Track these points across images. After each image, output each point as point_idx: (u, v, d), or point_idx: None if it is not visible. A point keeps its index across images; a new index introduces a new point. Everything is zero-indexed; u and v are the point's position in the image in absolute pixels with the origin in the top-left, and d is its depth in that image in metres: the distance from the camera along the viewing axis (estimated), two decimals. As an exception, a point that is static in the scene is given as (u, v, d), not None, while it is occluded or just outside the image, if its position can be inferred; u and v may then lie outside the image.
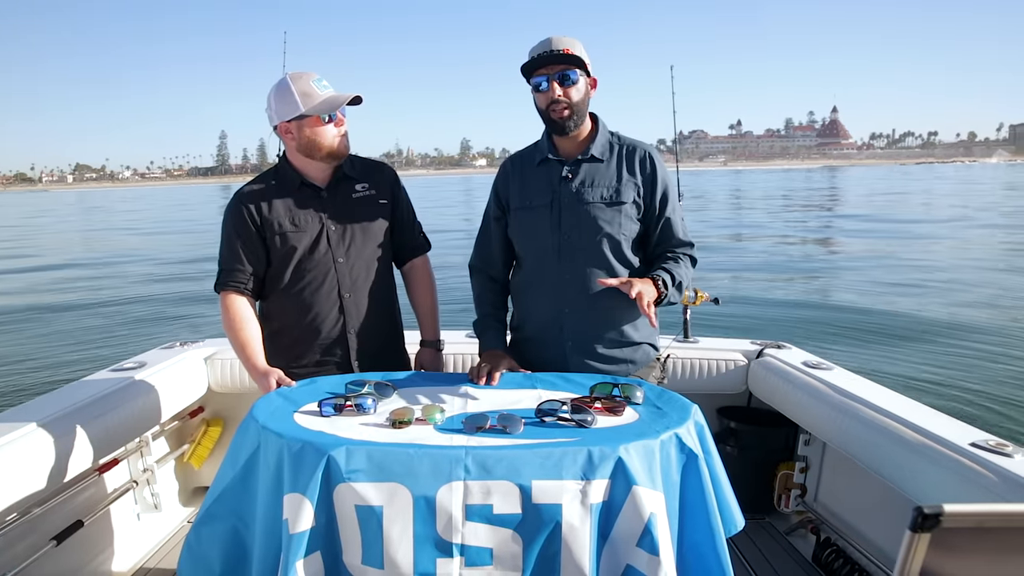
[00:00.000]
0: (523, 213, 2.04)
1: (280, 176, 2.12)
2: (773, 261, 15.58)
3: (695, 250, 2.07)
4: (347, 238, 2.09)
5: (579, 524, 1.35)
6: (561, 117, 1.92)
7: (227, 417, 3.18)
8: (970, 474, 1.79)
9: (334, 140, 2.02)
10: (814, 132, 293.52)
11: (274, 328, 2.12)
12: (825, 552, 2.56)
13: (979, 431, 2.00)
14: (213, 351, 3.01)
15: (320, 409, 1.62)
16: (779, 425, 2.88)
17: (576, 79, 1.91)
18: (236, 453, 1.57)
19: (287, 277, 2.06)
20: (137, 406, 2.43)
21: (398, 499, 1.35)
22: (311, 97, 1.98)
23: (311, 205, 2.08)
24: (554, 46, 1.90)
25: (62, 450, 2.03)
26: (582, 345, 2.00)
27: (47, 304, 11.26)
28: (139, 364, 2.71)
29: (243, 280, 2.06)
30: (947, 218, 25.44)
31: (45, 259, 18.04)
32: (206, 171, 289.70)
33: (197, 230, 27.46)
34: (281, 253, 2.05)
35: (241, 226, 2.05)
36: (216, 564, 1.56)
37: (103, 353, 7.66)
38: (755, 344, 3.10)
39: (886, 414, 2.17)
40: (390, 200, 2.20)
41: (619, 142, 2.04)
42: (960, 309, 9.71)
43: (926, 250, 16.51)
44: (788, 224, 24.94)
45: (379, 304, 2.15)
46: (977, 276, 12.62)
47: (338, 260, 2.07)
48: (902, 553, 0.70)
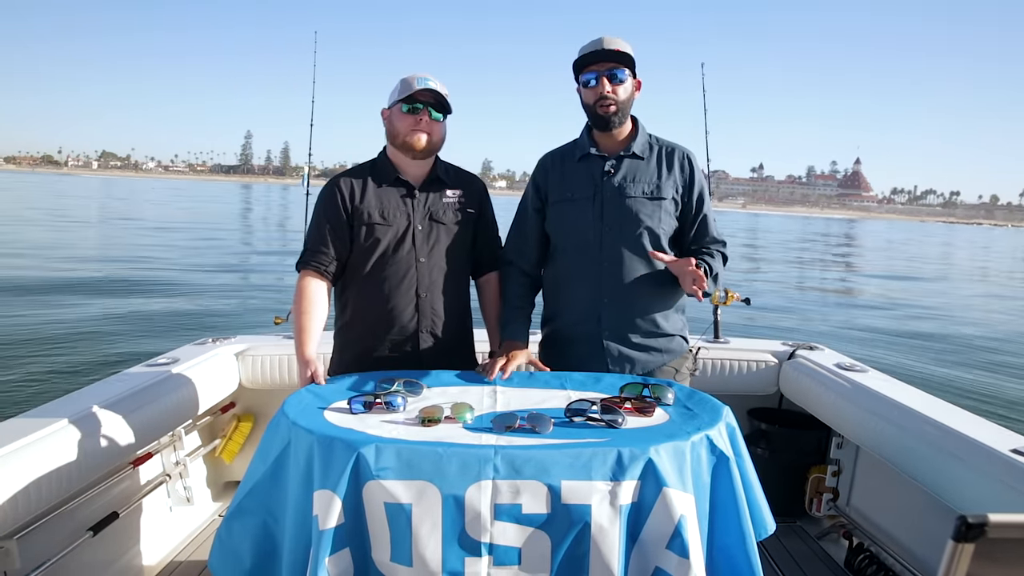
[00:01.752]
0: (565, 206, 2.08)
1: (377, 169, 2.16)
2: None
3: (727, 248, 2.12)
4: (432, 239, 2.11)
5: (608, 525, 1.35)
6: (607, 113, 1.98)
7: (258, 413, 3.22)
8: (1011, 481, 1.75)
9: (410, 131, 2.05)
10: (835, 182, 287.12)
11: (347, 318, 2.15)
12: (858, 558, 2.51)
13: (1021, 437, 1.95)
14: (245, 347, 3.05)
15: (350, 406, 1.63)
16: (811, 427, 2.84)
17: (624, 78, 1.99)
18: (267, 449, 1.58)
19: (368, 269, 2.09)
20: (170, 401, 2.48)
21: (427, 497, 1.35)
22: (408, 87, 2.05)
23: (402, 201, 2.11)
24: (606, 45, 1.96)
25: (98, 443, 2.07)
26: (619, 335, 2.04)
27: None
28: (172, 360, 2.75)
29: (325, 262, 2.09)
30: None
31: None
32: (229, 169, 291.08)
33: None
34: (366, 244, 2.08)
35: (332, 210, 2.09)
36: (246, 558, 1.58)
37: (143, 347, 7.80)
38: (787, 345, 3.06)
39: (922, 418, 2.12)
40: (477, 211, 2.23)
41: (658, 143, 2.10)
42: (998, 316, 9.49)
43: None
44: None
45: (453, 308, 2.16)
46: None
47: (420, 259, 2.09)
48: (944, 563, 0.68)
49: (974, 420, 2.10)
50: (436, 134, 2.09)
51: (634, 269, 2.00)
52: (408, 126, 2.05)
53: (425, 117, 2.05)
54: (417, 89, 2.03)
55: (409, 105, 2.05)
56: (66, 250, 17.57)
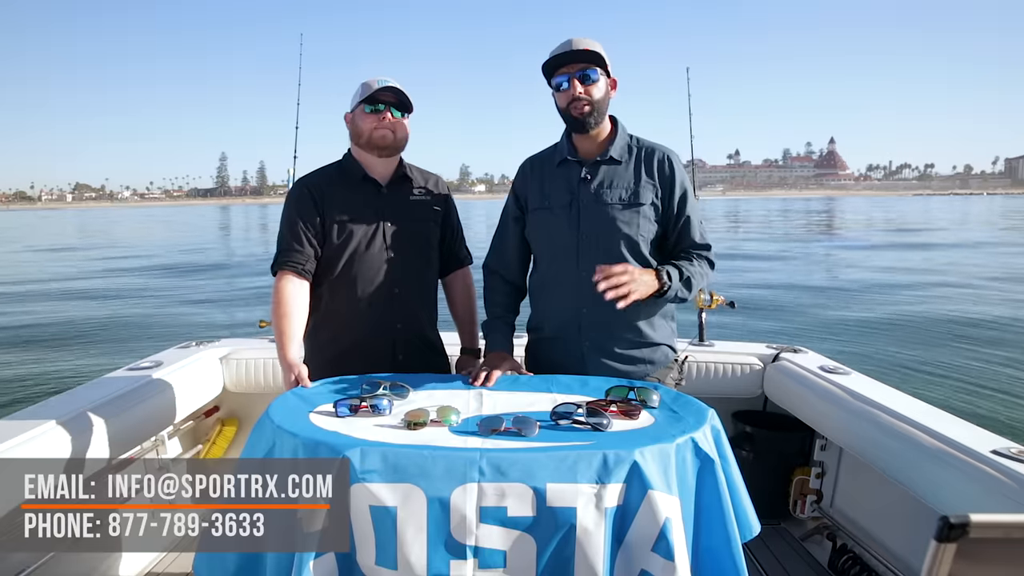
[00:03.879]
0: (542, 213, 2.05)
1: (343, 169, 2.18)
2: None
3: (712, 253, 2.06)
4: (401, 236, 2.14)
5: (593, 528, 1.35)
6: (582, 114, 1.94)
7: (242, 416, 3.19)
8: (992, 482, 1.76)
9: (373, 129, 2.08)
10: (812, 163, 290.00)
11: (320, 318, 2.14)
12: (841, 559, 2.53)
13: (1001, 438, 1.97)
14: (228, 351, 3.02)
15: (335, 410, 1.62)
16: (795, 430, 2.85)
17: (596, 78, 1.94)
18: (251, 452, 1.57)
19: (339, 268, 2.10)
20: (153, 405, 2.45)
21: (412, 500, 1.35)
22: (368, 88, 2.09)
23: (370, 200, 2.14)
24: (575, 46, 1.92)
25: (79, 448, 2.04)
26: (600, 345, 2.00)
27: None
28: (155, 363, 2.73)
29: (302, 261, 2.08)
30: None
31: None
32: (205, 192, 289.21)
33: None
34: (336, 243, 2.09)
35: (305, 209, 2.10)
36: (231, 562, 1.57)
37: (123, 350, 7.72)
38: (771, 348, 3.08)
39: (905, 419, 2.14)
40: (443, 208, 2.27)
41: (638, 144, 2.05)
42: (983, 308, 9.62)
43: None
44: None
45: (424, 304, 2.20)
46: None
47: (391, 256, 2.11)
48: (927, 564, 0.69)
49: (955, 422, 2.12)
50: (400, 131, 2.12)
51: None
52: (372, 124, 2.08)
53: (388, 115, 2.09)
54: (378, 88, 2.07)
55: (372, 105, 2.08)
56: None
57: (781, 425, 2.94)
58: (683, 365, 2.16)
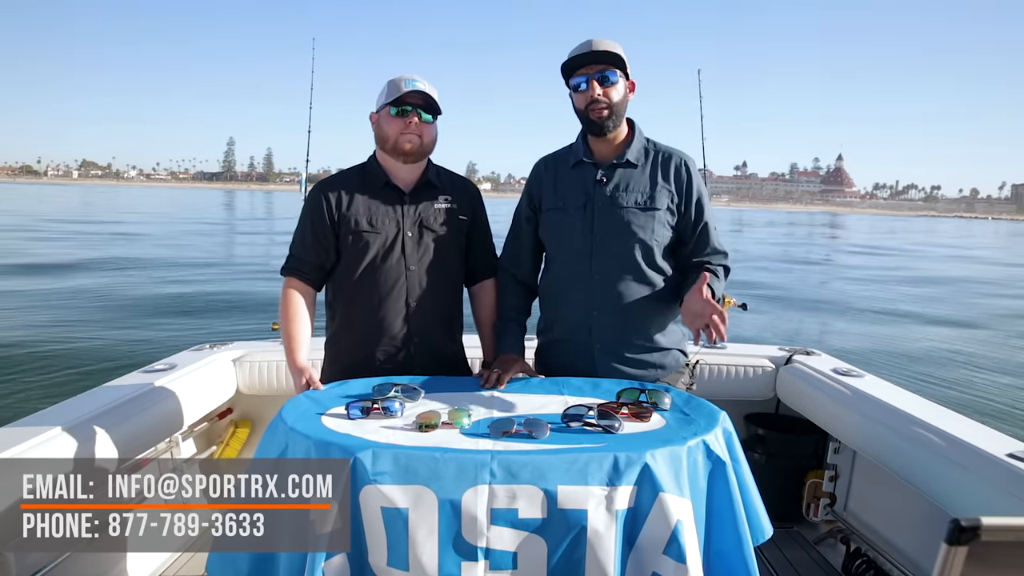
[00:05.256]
0: (556, 214, 2.04)
1: (366, 173, 2.12)
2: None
3: (728, 259, 2.04)
4: (422, 247, 2.07)
5: (604, 530, 1.35)
6: (600, 117, 1.92)
7: (255, 419, 3.21)
8: (1007, 486, 1.75)
9: (399, 134, 2.01)
10: (818, 178, 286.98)
11: (336, 327, 2.12)
12: (855, 563, 2.51)
13: (1016, 441, 1.95)
14: (242, 353, 3.04)
15: (347, 411, 1.63)
16: (808, 432, 2.84)
17: (616, 80, 1.92)
18: (264, 454, 1.58)
19: (356, 277, 2.05)
20: (167, 407, 2.47)
21: (424, 502, 1.35)
22: (396, 89, 2.01)
23: (391, 207, 2.07)
24: (594, 47, 1.90)
25: (93, 449, 2.06)
26: (611, 348, 1.99)
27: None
28: (169, 366, 2.75)
29: (306, 269, 2.07)
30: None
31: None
32: (211, 176, 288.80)
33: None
34: (354, 252, 2.04)
35: (317, 216, 2.06)
36: (244, 564, 1.58)
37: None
38: (784, 350, 3.06)
39: (919, 423, 2.13)
40: (470, 217, 2.17)
41: (655, 148, 2.03)
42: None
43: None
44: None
45: (445, 317, 2.13)
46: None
47: (410, 268, 2.05)
48: (938, 566, 0.68)
49: (971, 424, 2.10)
50: (427, 136, 2.05)
51: (626, 281, 1.95)
52: (397, 129, 2.01)
53: (415, 119, 2.01)
54: (405, 91, 1.99)
55: (398, 108, 2.01)
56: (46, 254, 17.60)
57: (794, 428, 2.92)
58: (694, 370, 2.15)
